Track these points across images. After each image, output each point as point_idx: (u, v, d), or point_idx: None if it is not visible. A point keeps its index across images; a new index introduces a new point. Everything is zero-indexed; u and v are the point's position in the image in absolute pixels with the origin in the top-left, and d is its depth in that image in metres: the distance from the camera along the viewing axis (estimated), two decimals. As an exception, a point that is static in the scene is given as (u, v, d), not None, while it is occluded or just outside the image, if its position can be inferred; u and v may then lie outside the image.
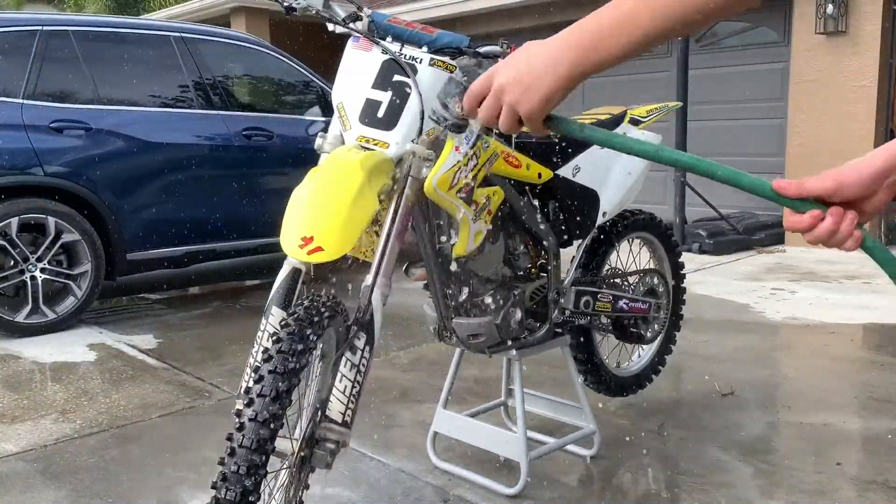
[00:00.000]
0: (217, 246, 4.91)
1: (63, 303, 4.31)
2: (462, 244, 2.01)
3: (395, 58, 1.90)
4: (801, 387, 3.16)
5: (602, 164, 2.46)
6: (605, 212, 2.49)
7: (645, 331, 2.69)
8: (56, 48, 4.38)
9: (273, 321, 1.81)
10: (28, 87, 4.23)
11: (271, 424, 1.51)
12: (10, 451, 2.64)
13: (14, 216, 4.09)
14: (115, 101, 4.53)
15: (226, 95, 5.04)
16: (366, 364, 1.76)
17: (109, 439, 2.74)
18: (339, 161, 1.80)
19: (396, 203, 1.85)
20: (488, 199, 2.06)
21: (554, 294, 2.33)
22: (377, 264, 1.81)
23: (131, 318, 4.63)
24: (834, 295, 4.81)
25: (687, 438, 2.65)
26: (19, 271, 4.15)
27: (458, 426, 2.42)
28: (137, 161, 4.51)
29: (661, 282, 2.80)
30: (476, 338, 2.16)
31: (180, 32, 4.95)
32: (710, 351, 3.66)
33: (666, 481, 2.35)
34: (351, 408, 1.74)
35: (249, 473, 1.48)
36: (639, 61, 7.92)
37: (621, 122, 2.56)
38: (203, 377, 3.43)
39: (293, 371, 1.56)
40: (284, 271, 1.86)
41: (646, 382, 2.93)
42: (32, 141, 4.16)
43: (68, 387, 3.32)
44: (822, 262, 5.95)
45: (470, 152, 1.95)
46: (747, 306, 4.57)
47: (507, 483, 2.28)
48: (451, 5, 8.68)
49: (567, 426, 2.58)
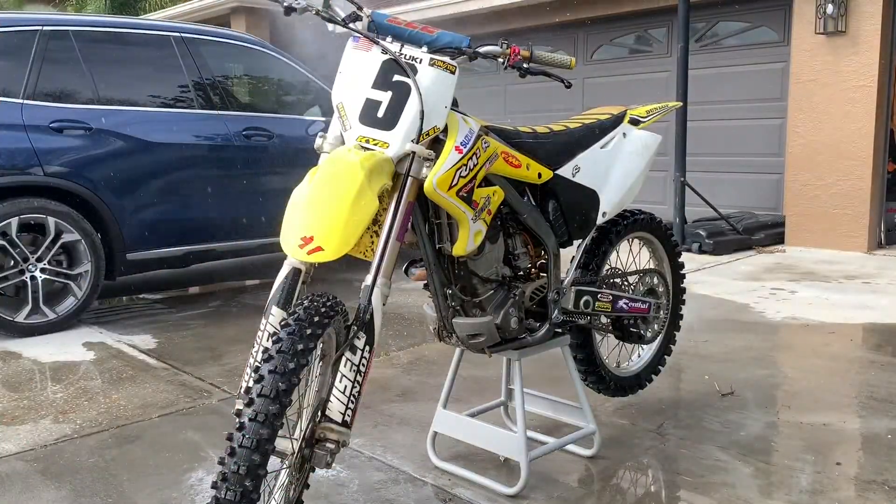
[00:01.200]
0: (217, 246, 4.91)
1: (63, 303, 4.31)
2: (462, 244, 2.01)
3: (395, 58, 1.90)
4: (800, 387, 3.17)
5: (602, 164, 2.46)
6: (604, 212, 2.49)
7: (645, 331, 2.69)
8: (56, 48, 4.38)
9: (273, 321, 1.81)
10: (28, 87, 4.23)
11: (271, 424, 1.51)
12: (9, 451, 2.64)
13: (14, 216, 4.09)
14: (115, 101, 4.54)
15: (226, 95, 5.05)
16: (366, 364, 1.76)
17: (109, 439, 2.74)
18: (339, 161, 1.80)
19: (396, 203, 1.85)
20: (488, 199, 2.06)
21: (554, 294, 2.33)
22: (377, 264, 1.82)
23: (131, 318, 4.63)
24: (834, 295, 4.81)
25: (687, 438, 2.65)
26: (19, 271, 4.16)
27: (458, 426, 2.42)
28: (137, 161, 4.51)
29: (660, 282, 2.80)
30: (476, 338, 2.16)
31: (180, 32, 4.95)
32: (709, 351, 3.66)
33: (666, 481, 2.35)
34: (351, 408, 1.74)
35: (249, 473, 1.48)
36: (639, 61, 7.93)
37: (621, 122, 2.56)
38: (203, 377, 3.43)
39: (293, 371, 1.56)
40: (284, 271, 1.86)
41: (646, 382, 2.93)
42: (32, 141, 4.16)
43: (68, 387, 3.32)
44: (822, 262, 5.95)
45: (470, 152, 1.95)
46: (747, 306, 4.57)
47: (507, 483, 2.28)
48: (451, 5, 8.68)
49: (567, 426, 2.58)
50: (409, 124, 1.86)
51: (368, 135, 1.88)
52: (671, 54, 7.47)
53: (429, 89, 1.88)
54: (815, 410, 2.89)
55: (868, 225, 6.29)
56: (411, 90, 1.87)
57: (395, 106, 1.87)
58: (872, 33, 6.10)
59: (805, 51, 6.46)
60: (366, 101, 1.90)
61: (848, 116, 6.28)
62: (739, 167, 7.26)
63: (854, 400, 3.01)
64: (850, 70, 6.24)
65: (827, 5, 6.17)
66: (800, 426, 2.75)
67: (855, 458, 2.48)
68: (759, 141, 7.13)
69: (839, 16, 6.17)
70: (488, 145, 2.04)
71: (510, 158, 2.15)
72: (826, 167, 6.43)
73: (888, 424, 2.75)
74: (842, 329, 4.02)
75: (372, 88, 1.90)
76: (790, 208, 6.63)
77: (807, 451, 2.53)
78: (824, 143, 6.42)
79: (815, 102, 6.44)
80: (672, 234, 2.92)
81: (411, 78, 1.88)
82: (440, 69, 1.91)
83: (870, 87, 6.16)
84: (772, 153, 7.03)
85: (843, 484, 2.30)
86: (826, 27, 6.25)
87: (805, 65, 6.47)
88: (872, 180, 6.25)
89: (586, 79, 8.24)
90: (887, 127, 6.54)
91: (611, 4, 7.80)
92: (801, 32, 6.46)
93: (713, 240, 6.38)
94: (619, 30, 8.06)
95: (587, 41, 8.33)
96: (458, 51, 1.96)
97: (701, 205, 6.68)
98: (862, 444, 2.60)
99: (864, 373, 3.33)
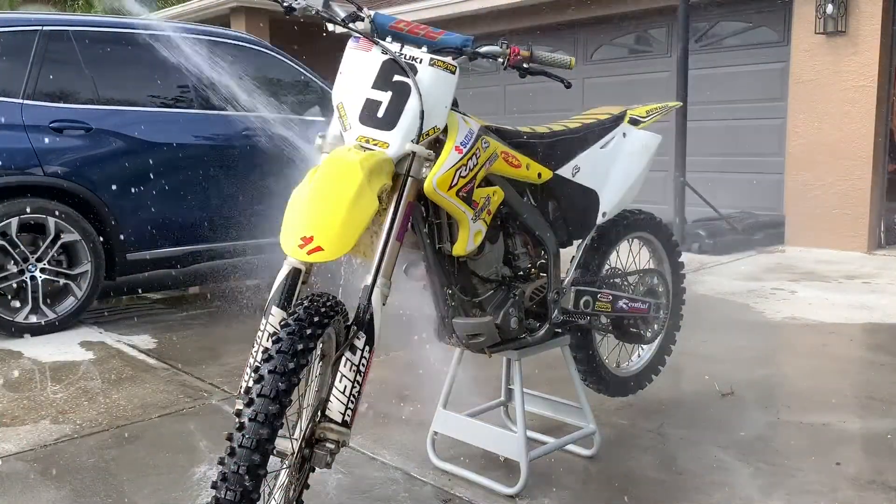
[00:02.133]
0: (217, 246, 4.91)
1: (63, 303, 4.31)
2: (462, 244, 2.01)
3: (395, 58, 1.90)
4: (800, 386, 3.17)
5: (602, 164, 2.46)
6: (604, 212, 2.49)
7: (644, 331, 2.69)
8: (56, 48, 4.37)
9: (273, 321, 1.81)
10: (28, 87, 4.23)
11: (271, 424, 1.51)
12: (9, 451, 2.64)
13: (14, 216, 4.09)
14: (114, 101, 4.53)
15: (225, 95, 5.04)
16: (365, 364, 1.76)
17: (109, 439, 2.74)
18: (338, 161, 1.80)
19: (396, 203, 1.85)
20: (488, 199, 2.06)
21: (554, 294, 2.33)
22: (377, 264, 1.82)
23: (131, 318, 4.63)
24: (833, 295, 4.81)
25: (686, 438, 2.65)
26: (19, 271, 4.15)
27: (458, 426, 2.42)
28: (137, 161, 4.51)
29: (660, 282, 2.80)
30: (476, 338, 2.16)
31: (180, 32, 4.95)
32: (709, 351, 3.66)
33: (665, 481, 2.35)
34: (351, 408, 1.74)
35: (249, 473, 1.48)
36: (639, 61, 7.93)
37: (621, 122, 2.56)
38: (203, 377, 3.43)
39: (293, 371, 1.56)
40: (284, 271, 1.86)
41: (645, 382, 2.93)
42: (32, 141, 4.16)
43: (68, 387, 3.32)
44: (822, 262, 5.95)
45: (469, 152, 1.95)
46: (747, 306, 4.57)
47: (507, 483, 2.28)
48: (451, 5, 8.68)
49: (567, 426, 2.58)
50: (409, 124, 1.86)
51: (368, 135, 1.88)
52: (671, 54, 7.46)
53: (429, 89, 1.88)
54: (815, 410, 2.89)
55: (868, 225, 6.29)
56: (411, 90, 1.87)
57: (395, 106, 1.87)
58: (872, 33, 6.10)
59: (805, 51, 6.46)
60: (366, 101, 1.90)
61: (848, 116, 6.28)
62: (739, 167, 7.26)
63: (854, 400, 3.01)
64: (849, 70, 6.24)
65: (827, 5, 6.17)
66: (799, 426, 2.75)
67: (854, 458, 2.48)
68: (759, 141, 7.13)
69: (839, 16, 6.17)
70: (488, 145, 2.04)
71: (510, 158, 2.15)
72: (826, 167, 6.43)
73: (888, 424, 2.75)
74: (841, 329, 4.03)
75: (372, 88, 1.90)
76: (790, 208, 6.63)
77: (806, 451, 2.53)
78: (824, 143, 6.42)
79: (815, 102, 6.43)
80: (672, 234, 2.92)
81: (411, 78, 1.88)
82: (440, 69, 1.91)
83: (870, 87, 6.15)
84: (772, 153, 7.03)
85: (843, 484, 2.30)
86: (826, 27, 6.25)
87: (805, 65, 6.47)
88: (872, 180, 6.25)
89: (586, 79, 8.24)
90: (887, 127, 6.54)
91: (611, 4, 7.80)
92: (801, 32, 6.46)
93: (713, 240, 6.38)
94: (619, 30, 8.06)
95: (587, 41, 8.33)
96: (459, 51, 1.95)
97: (701, 205, 6.68)
98: (862, 444, 2.60)
99: (864, 372, 3.33)
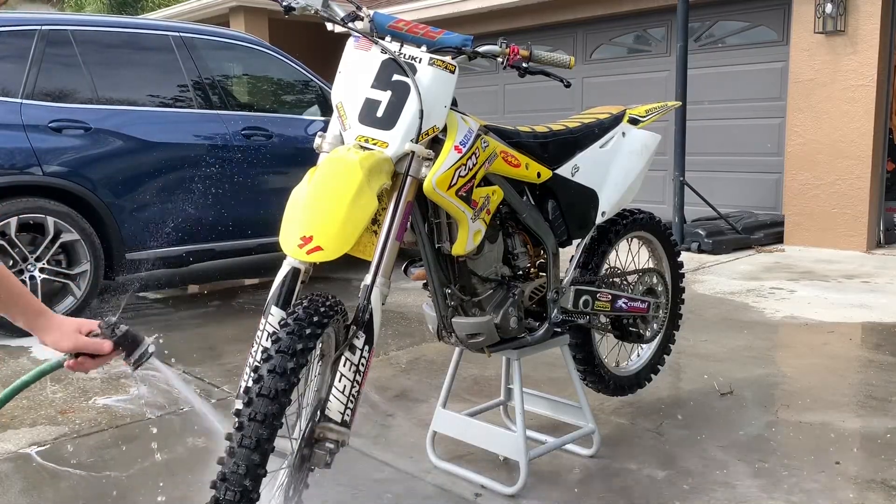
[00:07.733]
0: (216, 246, 4.91)
1: (62, 302, 4.30)
2: (461, 244, 2.01)
3: (395, 57, 1.90)
4: (799, 386, 3.17)
5: (601, 163, 2.46)
6: (603, 211, 2.49)
7: (644, 330, 2.69)
8: (55, 48, 4.37)
9: (272, 321, 1.81)
10: (27, 87, 4.23)
11: (270, 424, 1.51)
12: (9, 451, 2.64)
13: (13, 216, 4.08)
14: (114, 100, 4.53)
15: (225, 95, 5.04)
16: (365, 364, 1.76)
17: (109, 439, 2.74)
18: (338, 160, 1.80)
19: (396, 203, 1.85)
20: (487, 199, 2.06)
21: (553, 293, 2.33)
22: (376, 264, 1.82)
23: (131, 318, 4.62)
24: (832, 294, 4.81)
25: (686, 438, 2.66)
26: (18, 271, 4.15)
27: (457, 426, 2.42)
28: (136, 161, 4.51)
29: (659, 281, 2.80)
30: (475, 337, 2.16)
31: (180, 32, 4.95)
32: (708, 350, 3.66)
33: (665, 481, 2.35)
34: (350, 407, 1.74)
35: (249, 473, 1.48)
36: (638, 61, 7.93)
37: (620, 121, 2.56)
38: (203, 377, 3.43)
39: (292, 371, 1.56)
40: (284, 271, 1.86)
41: (645, 382, 2.93)
42: (31, 140, 4.16)
43: (68, 387, 3.32)
44: (821, 262, 5.96)
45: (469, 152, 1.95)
46: (746, 305, 4.58)
47: (507, 483, 2.29)
48: (451, 5, 8.68)
49: (566, 426, 2.58)
50: (409, 124, 1.86)
51: (368, 134, 1.88)
52: (670, 54, 7.46)
53: (428, 89, 1.88)
54: (815, 410, 2.89)
55: (867, 224, 6.30)
56: (411, 90, 1.87)
57: (395, 105, 1.87)
58: (871, 33, 6.10)
59: (804, 50, 6.46)
60: (365, 101, 1.90)
61: (847, 116, 6.28)
62: (738, 167, 7.26)
63: (853, 399, 3.01)
64: (849, 69, 6.24)
65: (826, 5, 6.17)
66: (799, 425, 2.75)
67: (854, 458, 2.48)
68: (758, 140, 7.13)
69: (838, 15, 6.17)
70: (487, 145, 2.04)
71: (509, 158, 2.15)
72: (825, 166, 6.43)
73: (887, 423, 2.75)
74: (841, 328, 4.03)
75: (371, 88, 1.90)
76: (789, 208, 6.63)
77: (806, 450, 2.54)
78: (823, 143, 6.42)
79: (814, 102, 6.44)
80: (671, 234, 2.92)
81: (411, 77, 1.88)
82: (440, 69, 1.91)
83: (869, 87, 6.16)
84: (771, 153, 7.03)
85: (843, 483, 2.30)
86: (825, 27, 6.25)
87: (804, 64, 6.47)
88: (871, 179, 6.25)
89: (585, 78, 8.24)
90: (886, 126, 6.54)
91: (610, 4, 7.80)
92: (800, 32, 6.46)
93: (712, 239, 6.38)
94: (618, 29, 8.06)
95: (586, 41, 8.33)
96: (458, 50, 1.95)
97: (700, 204, 6.68)
98: (861, 443, 2.60)
99: (863, 372, 3.33)
